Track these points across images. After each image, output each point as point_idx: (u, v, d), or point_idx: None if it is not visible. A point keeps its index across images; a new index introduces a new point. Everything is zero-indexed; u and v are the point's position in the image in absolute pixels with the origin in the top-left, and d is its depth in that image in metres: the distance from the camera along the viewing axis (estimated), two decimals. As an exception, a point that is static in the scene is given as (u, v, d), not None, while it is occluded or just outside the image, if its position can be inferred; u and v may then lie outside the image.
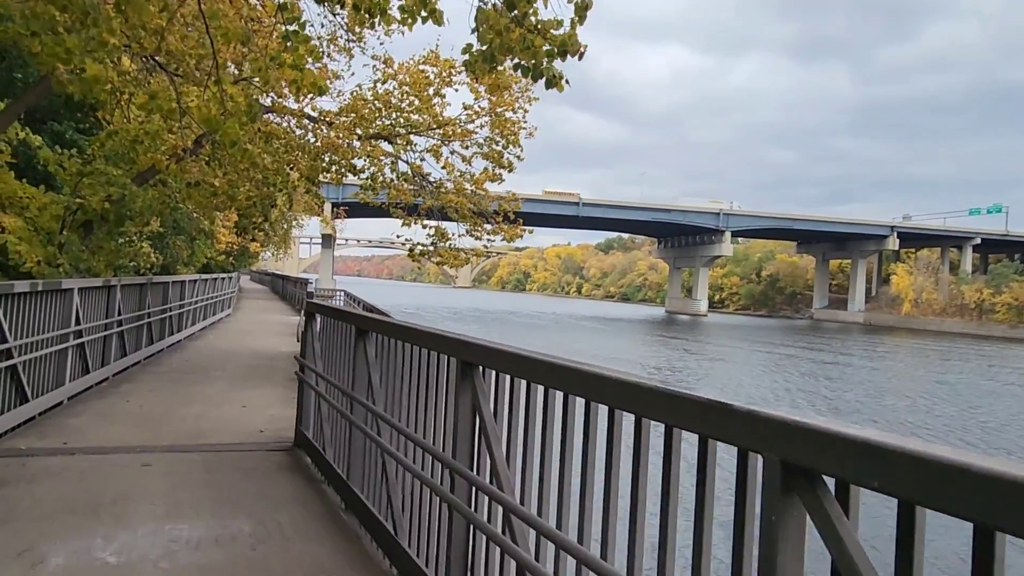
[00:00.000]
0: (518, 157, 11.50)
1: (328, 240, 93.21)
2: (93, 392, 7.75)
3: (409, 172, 10.88)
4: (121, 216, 9.13)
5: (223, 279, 18.82)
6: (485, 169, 11.60)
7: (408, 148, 10.90)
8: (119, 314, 8.76)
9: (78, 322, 7.28)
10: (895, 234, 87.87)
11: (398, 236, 11.89)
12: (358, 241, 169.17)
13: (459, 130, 10.82)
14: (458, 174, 10.93)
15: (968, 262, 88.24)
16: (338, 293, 21.64)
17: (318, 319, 5.93)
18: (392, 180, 10.66)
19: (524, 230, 11.85)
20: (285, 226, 33.08)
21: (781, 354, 40.07)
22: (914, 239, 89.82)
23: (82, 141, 11.41)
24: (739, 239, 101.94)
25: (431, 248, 11.42)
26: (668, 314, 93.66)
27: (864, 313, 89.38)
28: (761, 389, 26.31)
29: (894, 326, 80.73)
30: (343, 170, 10.50)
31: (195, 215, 18.99)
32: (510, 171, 11.58)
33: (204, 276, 15.83)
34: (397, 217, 11.92)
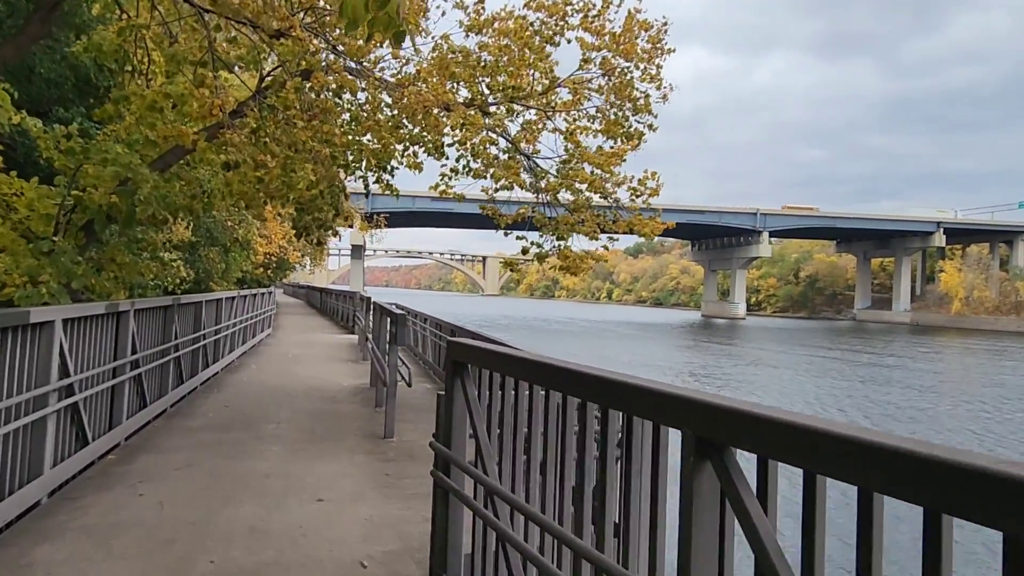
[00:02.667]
0: (650, 127, 8.69)
1: (358, 251, 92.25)
2: (93, 474, 5.14)
3: (513, 150, 8.15)
4: (132, 213, 6.58)
5: (262, 295, 16.37)
6: (599, 148, 8.83)
7: (508, 120, 8.19)
8: (133, 351, 6.19)
9: (65, 373, 4.70)
10: (941, 230, 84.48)
11: (494, 236, 9.10)
12: (386, 252, 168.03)
13: (577, 93, 8.08)
14: (572, 153, 8.15)
15: (1020, 257, 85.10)
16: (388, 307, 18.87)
17: (471, 373, 3.20)
18: (495, 158, 7.94)
19: (664, 224, 9.05)
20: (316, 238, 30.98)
21: (832, 358, 37.81)
22: (961, 235, 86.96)
23: (94, 131, 9.03)
24: (773, 240, 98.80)
25: (551, 250, 8.61)
26: (704, 318, 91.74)
27: (911, 313, 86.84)
28: (822, 397, 23.82)
29: (944, 326, 78.25)
30: (424, 151, 7.83)
31: (229, 223, 16.64)
32: (635, 147, 8.78)
33: (243, 292, 13.35)
34: (490, 215, 9.19)
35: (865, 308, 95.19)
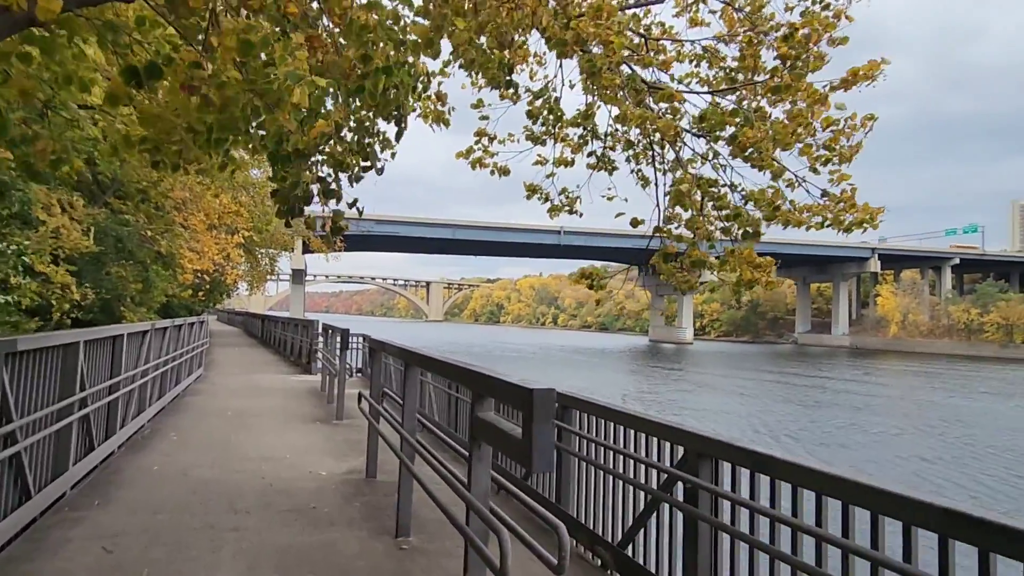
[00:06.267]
0: (820, 57, 5.51)
1: (299, 275, 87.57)
2: None
3: (634, 78, 4.82)
4: None
5: (191, 325, 12.31)
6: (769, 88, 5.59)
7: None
8: None
9: None
10: (876, 256, 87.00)
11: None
12: (327, 276, 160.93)
13: None
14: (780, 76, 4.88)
15: (947, 282, 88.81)
16: (355, 338, 14.72)
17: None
18: (620, 85, 4.59)
19: (879, 209, 5.88)
20: (267, 260, 27.13)
21: (779, 382, 37.99)
22: (894, 261, 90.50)
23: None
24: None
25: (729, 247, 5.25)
26: (652, 343, 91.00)
27: (850, 336, 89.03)
28: (769, 423, 22.79)
29: (882, 349, 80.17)
30: (485, 76, 4.41)
31: (149, 232, 12.60)
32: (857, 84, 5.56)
33: (159, 324, 9.36)
34: (553, 201, 5.77)
35: (805, 332, 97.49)
